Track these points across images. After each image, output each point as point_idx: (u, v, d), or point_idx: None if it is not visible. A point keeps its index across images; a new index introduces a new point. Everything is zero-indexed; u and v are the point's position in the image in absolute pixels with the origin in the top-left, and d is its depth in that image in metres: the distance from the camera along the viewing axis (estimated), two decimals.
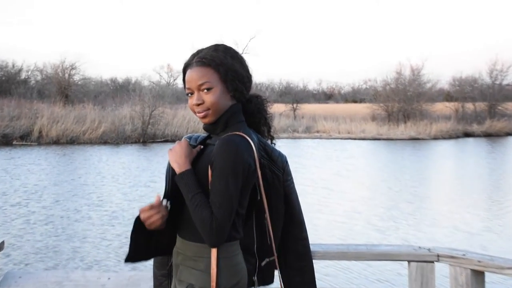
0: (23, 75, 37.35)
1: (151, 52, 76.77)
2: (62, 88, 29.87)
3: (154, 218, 1.57)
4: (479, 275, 2.14)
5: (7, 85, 33.37)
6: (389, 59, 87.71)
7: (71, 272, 4.01)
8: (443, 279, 2.59)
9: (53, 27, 75.46)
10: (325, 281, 5.51)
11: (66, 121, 22.27)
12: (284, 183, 1.76)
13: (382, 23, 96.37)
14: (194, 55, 1.68)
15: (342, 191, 11.64)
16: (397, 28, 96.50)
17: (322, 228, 8.02)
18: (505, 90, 34.21)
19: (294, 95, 39.23)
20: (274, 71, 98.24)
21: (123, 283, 3.60)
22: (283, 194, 1.76)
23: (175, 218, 1.67)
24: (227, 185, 1.52)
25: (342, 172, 14.62)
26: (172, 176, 1.64)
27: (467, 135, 28.78)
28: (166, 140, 22.81)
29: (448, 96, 37.27)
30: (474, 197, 11.07)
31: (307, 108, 37.39)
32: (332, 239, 7.29)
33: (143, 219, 1.58)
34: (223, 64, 1.63)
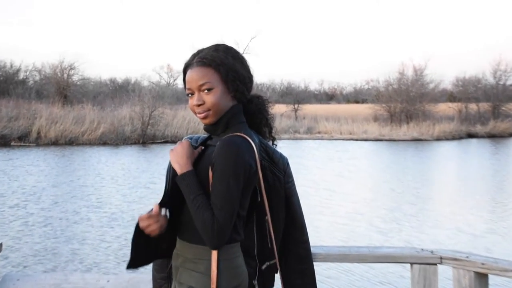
0: (21, 75, 37.28)
1: (151, 52, 76.94)
2: (61, 89, 29.78)
3: (152, 228, 1.56)
4: (482, 277, 2.12)
5: (5, 85, 33.22)
6: (391, 59, 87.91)
7: (70, 275, 3.98)
8: (446, 281, 2.56)
9: (52, 27, 75.78)
10: (326, 283, 5.49)
11: (65, 121, 22.19)
12: (285, 185, 1.75)
13: (384, 22, 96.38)
14: (195, 55, 1.67)
15: (344, 192, 11.61)
16: (399, 28, 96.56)
17: (324, 230, 8.00)
18: (509, 90, 34.07)
19: (296, 96, 39.23)
20: (275, 71, 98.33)
21: (122, 286, 3.58)
22: (284, 196, 1.74)
23: (175, 220, 1.65)
24: (228, 186, 1.50)
25: (344, 173, 14.59)
26: (173, 176, 1.63)
27: (471, 136, 28.65)
28: (166, 141, 22.78)
29: (451, 97, 37.06)
30: (477, 198, 11.03)
31: (309, 108, 37.41)
32: (333, 241, 7.26)
33: (141, 228, 1.58)
34: (224, 64, 1.62)
